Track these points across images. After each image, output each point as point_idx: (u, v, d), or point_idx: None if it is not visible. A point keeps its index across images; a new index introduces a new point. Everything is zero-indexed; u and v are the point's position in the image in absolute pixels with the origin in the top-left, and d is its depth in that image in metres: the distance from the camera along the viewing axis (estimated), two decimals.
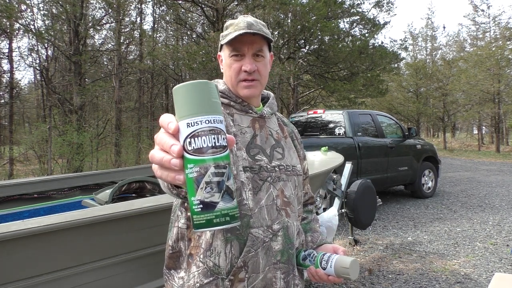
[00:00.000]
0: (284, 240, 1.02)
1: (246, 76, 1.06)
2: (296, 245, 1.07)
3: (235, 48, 1.06)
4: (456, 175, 10.28)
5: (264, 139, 1.09)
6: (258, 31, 1.03)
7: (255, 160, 1.04)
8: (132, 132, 13.62)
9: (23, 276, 1.50)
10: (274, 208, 1.02)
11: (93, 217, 1.66)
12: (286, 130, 1.20)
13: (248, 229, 0.97)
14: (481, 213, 5.78)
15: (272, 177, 1.04)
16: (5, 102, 12.62)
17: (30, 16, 10.92)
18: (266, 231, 0.99)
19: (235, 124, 1.07)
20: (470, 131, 29.51)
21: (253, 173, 1.02)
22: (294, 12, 11.03)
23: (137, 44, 14.50)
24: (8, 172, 9.98)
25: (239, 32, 1.01)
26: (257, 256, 0.97)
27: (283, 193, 1.05)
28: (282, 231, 1.01)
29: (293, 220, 1.06)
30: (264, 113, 1.13)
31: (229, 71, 1.08)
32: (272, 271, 0.99)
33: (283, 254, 1.01)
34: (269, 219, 1.00)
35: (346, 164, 4.12)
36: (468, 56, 21.00)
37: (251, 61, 1.06)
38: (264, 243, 0.98)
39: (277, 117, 1.21)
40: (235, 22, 1.07)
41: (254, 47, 1.06)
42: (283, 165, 1.08)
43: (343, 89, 12.42)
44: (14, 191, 2.84)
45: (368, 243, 4.44)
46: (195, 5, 12.20)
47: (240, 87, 1.08)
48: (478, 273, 3.49)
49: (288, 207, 1.05)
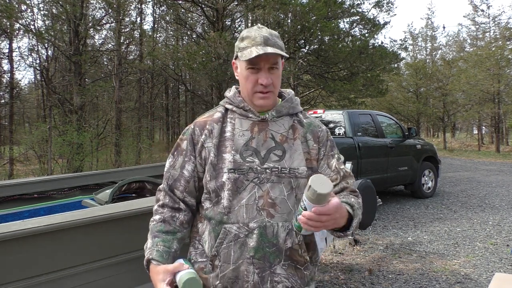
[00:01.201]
0: (260, 238, 1.07)
1: (262, 89, 1.14)
2: (282, 245, 1.09)
3: (252, 62, 1.12)
4: (456, 175, 10.28)
5: (261, 142, 1.15)
6: (274, 48, 1.11)
7: (246, 161, 1.11)
8: (132, 132, 13.62)
9: (23, 276, 1.50)
10: (254, 208, 1.08)
11: (93, 217, 1.66)
12: (299, 131, 1.21)
13: (221, 225, 1.10)
14: (481, 213, 5.78)
15: (259, 178, 1.10)
16: (5, 102, 12.64)
17: (30, 16, 10.94)
18: (242, 227, 1.08)
19: (235, 127, 1.17)
20: (470, 131, 29.49)
21: (240, 174, 1.10)
22: (294, 12, 11.02)
23: (137, 44, 14.51)
24: (8, 172, 9.98)
25: (257, 52, 1.09)
26: (228, 249, 1.09)
27: (269, 194, 1.09)
28: (259, 230, 1.07)
29: (278, 220, 1.08)
30: (267, 117, 1.18)
31: (246, 82, 1.16)
32: (245, 265, 1.08)
33: (258, 251, 1.07)
34: (247, 217, 1.08)
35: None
36: (468, 56, 20.99)
37: (267, 75, 1.13)
38: (239, 238, 1.08)
39: (296, 119, 1.23)
40: (252, 36, 1.14)
41: (270, 62, 1.13)
42: (277, 168, 1.11)
43: (343, 89, 12.41)
44: (14, 191, 2.83)
45: (368, 243, 4.44)
46: (195, 5, 12.20)
47: (255, 98, 1.16)
48: (478, 273, 3.49)
49: (272, 208, 1.08)
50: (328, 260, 3.86)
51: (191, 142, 1.20)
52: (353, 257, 3.97)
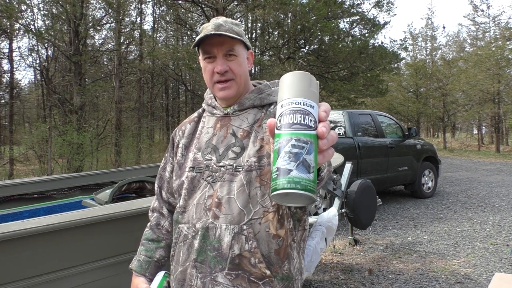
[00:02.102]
0: (202, 240, 0.99)
1: (219, 78, 1.05)
2: (225, 250, 0.96)
3: (206, 51, 1.06)
4: (456, 175, 10.28)
5: (221, 139, 1.07)
6: (226, 32, 1.02)
7: (205, 159, 1.06)
8: (132, 132, 13.62)
9: (23, 276, 1.50)
10: (202, 208, 1.01)
11: (93, 217, 1.66)
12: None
13: (177, 224, 1.07)
14: (481, 213, 5.78)
15: (213, 177, 1.03)
16: (5, 102, 12.63)
17: (30, 16, 10.94)
18: (190, 228, 1.03)
19: (204, 126, 1.13)
20: (470, 131, 29.50)
21: (198, 172, 1.05)
22: (294, 12, 11.03)
23: (137, 44, 14.50)
24: (8, 172, 9.98)
25: (202, 35, 1.02)
26: (179, 249, 1.05)
27: (217, 194, 1.00)
28: (201, 231, 1.00)
29: (222, 222, 0.98)
30: (228, 111, 1.10)
31: (205, 74, 1.09)
32: (190, 267, 1.01)
33: (200, 254, 0.99)
34: (195, 217, 1.02)
35: (346, 164, 4.12)
36: (468, 56, 21.00)
37: (222, 62, 1.04)
38: (187, 239, 1.03)
39: (266, 112, 1.10)
40: (205, 25, 1.06)
41: (224, 48, 1.04)
42: (231, 165, 1.02)
43: (343, 89, 12.42)
44: (14, 191, 2.84)
45: (368, 243, 4.44)
46: (195, 5, 12.20)
47: (215, 90, 1.08)
48: (478, 273, 3.49)
49: (217, 208, 0.99)
50: (328, 260, 3.86)
51: (171, 143, 1.21)
52: (353, 257, 3.97)
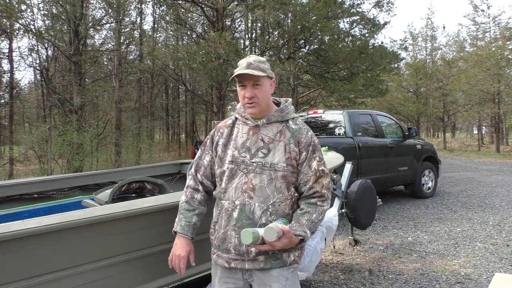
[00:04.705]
0: (240, 212, 1.50)
1: (248, 101, 1.55)
2: (257, 220, 1.48)
3: (240, 81, 1.55)
4: (456, 175, 10.28)
5: (253, 142, 1.56)
6: (252, 70, 1.49)
7: (241, 156, 1.54)
8: (132, 132, 13.61)
9: (23, 276, 1.50)
10: (239, 190, 1.52)
11: (93, 217, 1.66)
12: (286, 135, 1.57)
13: (220, 200, 1.59)
14: (481, 213, 5.78)
15: (248, 169, 1.52)
16: (5, 102, 12.63)
17: (30, 16, 10.92)
18: (230, 203, 1.53)
19: (238, 131, 1.61)
20: (470, 131, 29.49)
21: (236, 165, 1.54)
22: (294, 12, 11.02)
23: (137, 44, 14.50)
24: (8, 172, 9.98)
25: (237, 73, 1.51)
26: (222, 218, 1.56)
27: (251, 181, 1.50)
28: (240, 206, 1.51)
29: (257, 201, 1.49)
30: (259, 123, 1.59)
31: (239, 96, 1.59)
32: (230, 230, 1.52)
33: (238, 221, 1.51)
34: (234, 196, 1.52)
35: (346, 164, 4.12)
36: (468, 56, 20.99)
37: (250, 90, 1.53)
38: (228, 211, 1.54)
39: (285, 125, 1.60)
40: (240, 62, 1.56)
41: (252, 80, 1.52)
42: (261, 162, 1.52)
43: (343, 89, 12.41)
44: (14, 191, 2.83)
45: (368, 243, 4.44)
46: (195, 5, 12.21)
47: (245, 108, 1.59)
48: (478, 273, 3.49)
49: (252, 191, 1.50)
50: (328, 260, 3.86)
51: (211, 140, 1.68)
52: (353, 257, 3.97)
